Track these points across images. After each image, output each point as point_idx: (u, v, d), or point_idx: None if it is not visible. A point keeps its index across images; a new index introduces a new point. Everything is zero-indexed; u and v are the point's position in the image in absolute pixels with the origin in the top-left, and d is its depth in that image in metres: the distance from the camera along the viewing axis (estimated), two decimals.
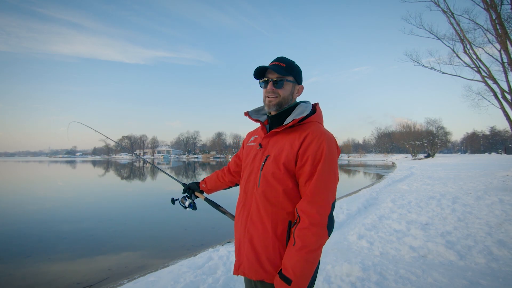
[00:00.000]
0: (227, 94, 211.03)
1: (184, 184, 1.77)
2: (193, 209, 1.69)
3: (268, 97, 1.15)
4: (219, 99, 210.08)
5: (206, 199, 1.65)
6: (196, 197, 1.71)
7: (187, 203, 1.69)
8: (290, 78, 1.16)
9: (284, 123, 1.12)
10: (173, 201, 1.76)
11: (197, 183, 1.68)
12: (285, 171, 1.07)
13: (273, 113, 1.19)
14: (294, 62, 1.19)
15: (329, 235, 1.00)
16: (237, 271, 1.15)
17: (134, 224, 6.42)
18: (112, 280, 3.39)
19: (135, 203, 9.59)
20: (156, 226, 6.28)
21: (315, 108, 1.20)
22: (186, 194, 1.71)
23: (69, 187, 14.96)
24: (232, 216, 1.52)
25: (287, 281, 0.96)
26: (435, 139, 53.42)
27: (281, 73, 1.13)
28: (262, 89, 1.19)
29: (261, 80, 1.18)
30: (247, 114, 1.30)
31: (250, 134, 1.39)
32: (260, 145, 1.19)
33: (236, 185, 1.58)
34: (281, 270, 0.99)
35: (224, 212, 1.59)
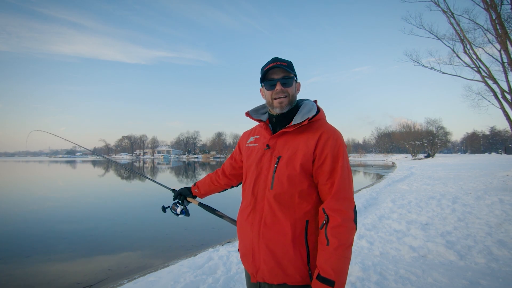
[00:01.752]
0: (227, 94, 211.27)
1: (173, 190, 1.68)
2: (185, 215, 1.61)
3: (278, 97, 1.12)
4: (219, 99, 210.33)
5: (200, 204, 1.59)
6: (189, 202, 1.63)
7: (179, 210, 1.60)
8: (293, 75, 1.15)
9: (294, 122, 1.09)
10: (164, 209, 1.66)
11: (188, 188, 1.62)
12: (302, 171, 1.05)
13: (279, 112, 1.16)
14: (289, 60, 1.18)
15: (356, 228, 1.01)
16: (255, 278, 1.11)
17: (134, 224, 6.43)
18: (112, 280, 3.39)
19: (135, 203, 9.58)
20: (156, 226, 6.27)
21: (317, 106, 1.19)
22: (177, 200, 1.62)
23: (69, 187, 14.95)
24: (231, 220, 1.46)
25: (330, 283, 0.93)
26: (435, 139, 53.35)
27: (288, 71, 1.12)
28: (267, 91, 1.15)
29: (267, 81, 1.14)
30: (248, 114, 1.28)
31: (246, 134, 1.34)
32: (267, 146, 1.14)
33: (232, 187, 1.54)
34: (318, 274, 0.96)
35: (221, 216, 1.52)
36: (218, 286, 2.57)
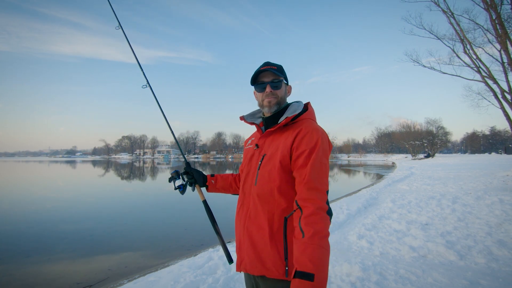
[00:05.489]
0: (228, 94, 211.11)
1: (188, 165, 1.57)
2: (181, 192, 1.52)
3: (267, 98, 1.20)
4: (219, 99, 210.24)
5: (205, 203, 1.50)
6: (195, 189, 1.53)
7: (177, 183, 1.53)
8: (282, 79, 1.22)
9: (278, 122, 1.17)
10: (170, 179, 1.57)
11: (204, 177, 1.52)
12: (281, 167, 1.10)
13: (268, 114, 1.24)
14: (280, 64, 1.26)
15: (330, 222, 0.99)
16: (239, 268, 1.19)
17: (134, 224, 6.42)
18: (112, 280, 3.40)
19: (135, 203, 9.59)
20: (156, 226, 6.28)
21: (307, 106, 1.25)
22: (184, 176, 1.54)
23: (69, 187, 14.95)
24: (222, 242, 1.46)
25: (309, 277, 0.84)
26: (435, 139, 53.36)
27: (278, 75, 1.19)
28: (258, 93, 1.23)
29: (257, 84, 1.22)
30: (242, 118, 1.35)
31: (246, 141, 1.44)
32: (256, 145, 1.24)
33: None
34: (295, 270, 0.88)
35: (217, 232, 1.46)
36: (218, 286, 2.57)
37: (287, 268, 1.04)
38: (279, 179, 1.09)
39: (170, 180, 1.57)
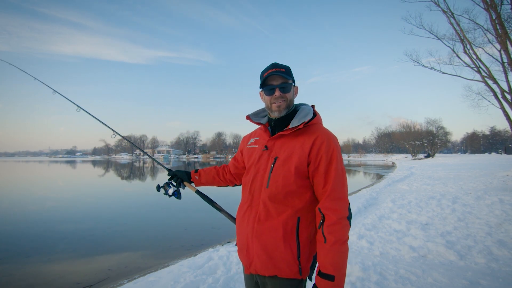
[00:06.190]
0: (228, 94, 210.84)
1: (169, 170, 1.70)
2: (177, 198, 1.61)
3: (276, 102, 1.19)
4: (219, 99, 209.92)
5: (198, 192, 1.61)
6: (184, 186, 1.63)
7: (171, 191, 1.61)
8: (291, 81, 1.21)
9: (291, 126, 1.16)
10: (158, 188, 1.66)
11: (187, 173, 1.63)
12: (296, 172, 1.11)
13: (277, 116, 1.22)
14: (287, 65, 1.24)
15: (350, 225, 1.08)
16: (248, 270, 1.19)
17: (134, 224, 6.43)
18: (112, 280, 3.40)
19: (135, 203, 9.59)
20: (156, 226, 6.28)
21: (314, 110, 1.25)
22: (171, 181, 1.63)
23: (69, 187, 14.96)
24: (228, 215, 1.52)
25: (330, 277, 1.00)
26: (435, 139, 53.36)
27: (286, 78, 1.18)
28: (266, 96, 1.21)
29: (266, 87, 1.20)
30: (248, 117, 1.35)
31: (247, 137, 1.42)
32: (266, 147, 1.21)
33: (235, 185, 1.59)
34: (319, 270, 1.03)
35: (219, 209, 1.55)
36: (218, 286, 2.57)
37: (300, 267, 1.09)
38: (295, 184, 1.11)
39: (158, 189, 1.66)
